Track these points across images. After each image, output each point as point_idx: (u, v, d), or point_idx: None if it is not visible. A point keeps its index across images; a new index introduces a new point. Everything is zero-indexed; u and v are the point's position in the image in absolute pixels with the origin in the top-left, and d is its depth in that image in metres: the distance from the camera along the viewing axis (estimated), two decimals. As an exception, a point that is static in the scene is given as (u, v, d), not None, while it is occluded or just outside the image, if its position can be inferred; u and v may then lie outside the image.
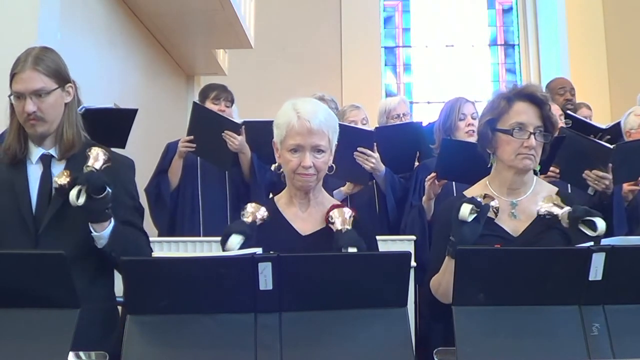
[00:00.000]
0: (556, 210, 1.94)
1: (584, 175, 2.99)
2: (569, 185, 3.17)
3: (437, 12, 9.11)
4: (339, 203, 2.11)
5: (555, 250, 1.71)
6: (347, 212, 1.97)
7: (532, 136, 2.00)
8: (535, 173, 2.12)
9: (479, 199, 1.90)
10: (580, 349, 1.52)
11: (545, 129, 2.03)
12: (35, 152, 2.10)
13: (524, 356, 1.51)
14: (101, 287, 2.12)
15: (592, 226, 1.86)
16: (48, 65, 2.05)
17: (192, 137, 3.50)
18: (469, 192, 2.09)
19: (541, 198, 2.03)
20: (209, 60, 6.68)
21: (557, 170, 3.07)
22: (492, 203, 1.93)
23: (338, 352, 1.50)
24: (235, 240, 1.87)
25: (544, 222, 1.99)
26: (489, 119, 2.06)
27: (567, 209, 1.92)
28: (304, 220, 2.04)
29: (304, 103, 2.02)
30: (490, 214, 1.93)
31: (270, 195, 3.58)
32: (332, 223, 1.96)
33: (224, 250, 1.89)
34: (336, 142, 2.06)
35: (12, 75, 2.05)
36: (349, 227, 1.94)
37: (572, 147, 3.02)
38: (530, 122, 2.01)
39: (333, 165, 2.06)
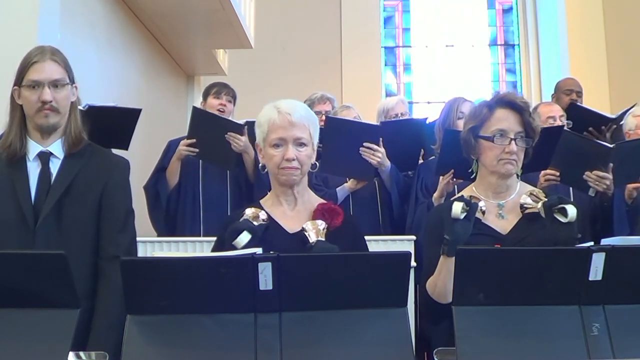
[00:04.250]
0: (532, 202, 2.06)
1: (584, 176, 2.98)
2: (570, 188, 3.17)
3: (437, 12, 9.10)
4: (325, 202, 2.12)
5: (555, 250, 1.71)
6: (321, 223, 2.00)
7: (513, 142, 2.07)
8: (517, 176, 2.17)
9: (467, 198, 1.99)
10: (580, 349, 1.52)
11: (527, 135, 2.10)
12: (33, 149, 2.11)
13: (524, 356, 1.51)
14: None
15: (565, 213, 1.94)
16: (63, 60, 2.13)
17: (193, 140, 3.48)
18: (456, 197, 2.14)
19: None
20: (209, 60, 6.68)
21: (557, 174, 3.06)
22: (479, 203, 2.02)
23: (338, 352, 1.50)
24: (246, 238, 1.92)
25: (530, 220, 2.06)
26: (472, 126, 2.13)
27: (543, 200, 2.03)
28: (291, 219, 2.06)
29: (283, 101, 2.08)
30: (478, 214, 2.01)
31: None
32: (307, 235, 1.98)
33: (231, 243, 1.92)
34: (317, 141, 2.08)
35: (29, 65, 2.08)
36: (322, 239, 1.96)
37: (572, 148, 3.02)
38: (511, 129, 2.08)
39: (316, 162, 2.09)
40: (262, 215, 2.02)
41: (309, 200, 2.10)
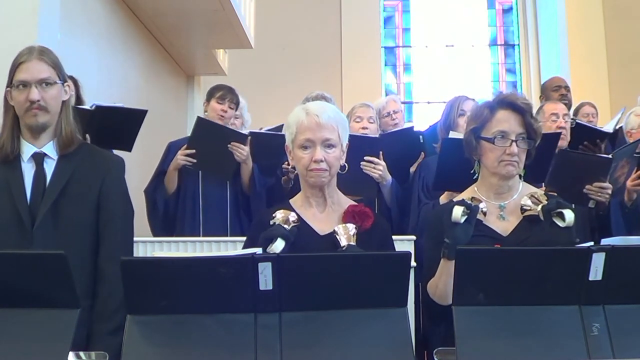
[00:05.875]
0: (532, 205, 2.05)
1: (585, 190, 2.98)
2: (573, 205, 3.15)
3: (437, 12, 9.11)
4: (356, 203, 2.11)
5: (555, 250, 1.71)
6: (352, 228, 2.00)
7: (514, 143, 2.06)
8: (520, 177, 2.17)
9: (468, 201, 1.98)
10: (580, 349, 1.52)
11: (528, 136, 2.09)
12: (27, 150, 2.11)
13: (524, 356, 1.51)
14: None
15: (563, 218, 1.95)
16: (52, 58, 2.12)
17: (192, 150, 3.45)
18: (457, 199, 2.13)
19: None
20: (209, 60, 6.68)
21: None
22: (480, 205, 2.02)
23: (338, 352, 1.50)
24: (280, 244, 1.92)
25: (531, 222, 2.06)
26: (473, 128, 2.13)
27: (543, 203, 2.02)
28: (321, 221, 2.06)
29: (312, 103, 2.10)
30: (479, 216, 2.00)
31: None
32: (338, 239, 1.99)
33: (265, 250, 1.92)
34: (347, 142, 2.07)
35: (17, 66, 2.08)
36: (353, 244, 1.97)
37: (570, 166, 3.01)
38: (512, 130, 2.07)
39: (346, 164, 2.08)
40: (292, 217, 2.02)
41: (338, 202, 2.09)
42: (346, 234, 1.99)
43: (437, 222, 2.04)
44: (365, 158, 3.11)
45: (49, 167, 2.10)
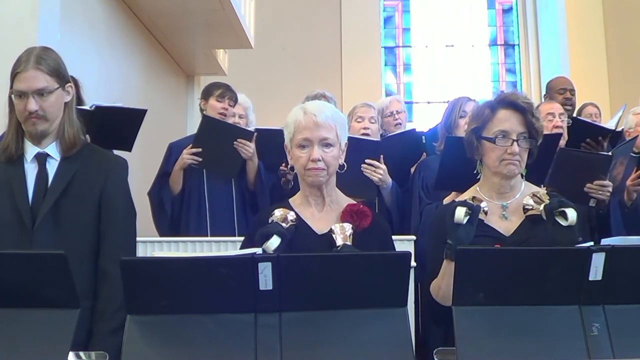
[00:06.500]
0: (535, 204, 2.04)
1: (585, 189, 2.98)
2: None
3: (437, 12, 9.11)
4: (355, 203, 2.11)
5: (555, 250, 1.71)
6: (348, 227, 2.00)
7: (515, 143, 2.05)
8: (522, 177, 2.16)
9: (469, 202, 1.98)
10: (580, 349, 1.52)
11: (530, 135, 2.08)
12: (31, 151, 2.11)
13: (524, 356, 1.51)
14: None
15: (566, 217, 1.94)
16: (49, 64, 2.08)
17: (198, 149, 3.45)
18: (459, 199, 2.13)
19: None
20: (209, 60, 6.68)
21: None
22: (481, 204, 2.02)
23: (338, 352, 1.50)
24: (276, 241, 1.92)
25: (533, 221, 2.05)
26: (474, 127, 2.12)
27: (545, 202, 2.02)
28: (320, 220, 2.07)
29: (310, 102, 2.10)
30: (480, 215, 2.00)
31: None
32: (334, 238, 1.99)
33: (260, 246, 1.92)
34: (346, 141, 2.07)
35: (14, 74, 2.07)
36: (349, 243, 1.97)
37: (570, 164, 3.00)
38: (513, 129, 2.07)
39: (345, 163, 2.08)
40: (291, 216, 2.03)
41: (337, 201, 2.10)
42: (342, 234, 1.99)
43: (439, 223, 2.04)
44: (366, 161, 3.11)
45: (52, 168, 2.11)
